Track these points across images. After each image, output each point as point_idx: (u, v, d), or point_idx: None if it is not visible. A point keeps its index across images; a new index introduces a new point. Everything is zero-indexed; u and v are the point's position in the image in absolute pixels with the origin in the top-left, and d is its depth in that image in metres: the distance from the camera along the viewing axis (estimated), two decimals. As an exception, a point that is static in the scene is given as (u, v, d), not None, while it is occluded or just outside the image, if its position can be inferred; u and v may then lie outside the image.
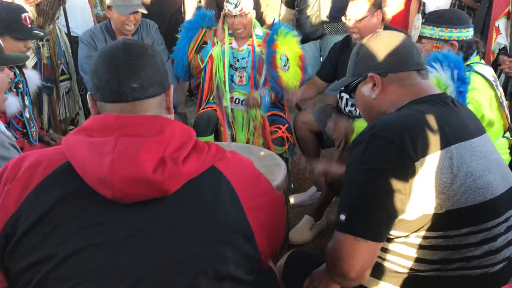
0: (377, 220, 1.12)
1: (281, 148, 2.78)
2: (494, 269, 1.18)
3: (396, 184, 1.09)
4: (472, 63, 1.96)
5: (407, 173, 1.10)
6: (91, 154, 0.89)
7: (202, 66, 2.95)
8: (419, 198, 1.12)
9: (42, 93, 2.95)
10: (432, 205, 1.12)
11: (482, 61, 2.04)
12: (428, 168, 1.11)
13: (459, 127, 1.20)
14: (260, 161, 2.15)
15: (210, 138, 2.88)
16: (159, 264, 0.89)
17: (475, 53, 2.00)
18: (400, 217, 1.13)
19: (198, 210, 0.93)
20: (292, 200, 2.82)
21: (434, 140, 1.13)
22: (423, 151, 1.12)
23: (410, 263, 1.18)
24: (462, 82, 1.70)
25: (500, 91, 1.95)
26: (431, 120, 1.16)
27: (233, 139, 2.91)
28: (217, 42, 2.93)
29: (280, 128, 2.82)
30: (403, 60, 1.27)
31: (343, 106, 2.78)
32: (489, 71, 1.96)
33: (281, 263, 1.51)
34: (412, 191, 1.11)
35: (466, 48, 1.98)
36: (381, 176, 1.11)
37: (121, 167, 0.87)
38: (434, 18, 2.04)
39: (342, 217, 1.14)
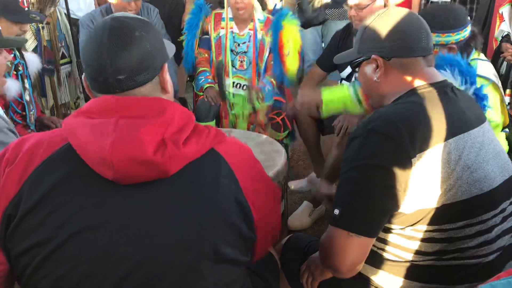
0: (370, 216, 1.12)
1: (279, 134, 2.80)
2: (489, 259, 1.19)
3: (392, 181, 1.09)
4: (472, 59, 1.91)
5: (404, 170, 1.09)
6: (92, 135, 0.89)
7: (206, 56, 2.97)
8: (415, 193, 1.11)
9: (44, 76, 2.94)
10: (429, 200, 1.11)
11: (482, 55, 1.99)
12: (425, 163, 1.10)
13: (458, 118, 1.18)
14: (259, 147, 2.15)
15: (211, 124, 2.88)
16: (160, 246, 0.89)
17: (473, 51, 1.92)
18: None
19: (198, 192, 0.93)
20: (291, 186, 2.83)
21: (431, 135, 1.12)
22: (421, 147, 1.10)
23: (406, 254, 1.19)
24: (481, 99, 1.55)
25: (501, 89, 1.91)
26: (429, 114, 1.14)
27: (234, 125, 2.91)
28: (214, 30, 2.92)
29: (279, 115, 2.83)
30: (409, 46, 1.22)
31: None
32: (489, 70, 1.91)
33: (279, 248, 1.53)
34: (408, 187, 1.10)
35: (465, 47, 1.88)
36: (376, 172, 1.10)
37: (122, 148, 0.87)
38: (429, 22, 1.95)
39: (336, 211, 1.14)
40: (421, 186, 1.11)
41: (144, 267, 0.89)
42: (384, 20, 1.24)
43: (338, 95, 1.99)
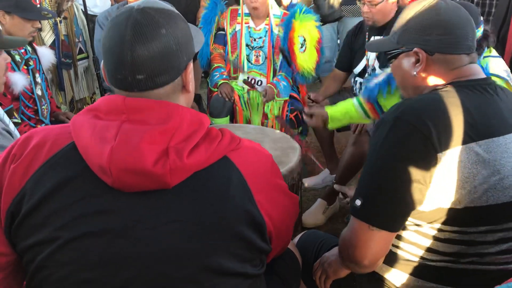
0: (393, 210, 1.08)
1: (294, 131, 2.80)
2: (509, 267, 1.13)
3: (417, 173, 1.04)
4: (484, 56, 1.87)
5: (429, 163, 1.04)
6: (93, 140, 0.86)
7: (222, 52, 2.98)
8: (437, 190, 1.06)
9: (61, 70, 2.98)
10: (451, 199, 1.07)
11: (493, 51, 1.94)
12: (451, 161, 1.05)
13: (495, 120, 1.10)
14: (274, 143, 2.15)
15: (226, 120, 2.89)
16: (159, 257, 0.87)
17: (486, 49, 1.88)
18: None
19: (202, 203, 0.88)
20: (305, 183, 2.83)
21: (461, 132, 1.06)
22: (447, 143, 1.05)
23: (421, 252, 1.16)
24: None
25: None
26: (463, 110, 1.08)
27: (248, 121, 2.91)
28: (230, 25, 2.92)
29: (292, 112, 2.82)
30: (457, 42, 1.14)
31: (357, 91, 2.76)
32: (501, 66, 1.86)
33: (293, 244, 1.52)
34: (431, 183, 1.06)
35: (477, 47, 1.78)
36: (402, 164, 1.05)
37: (120, 157, 0.84)
38: None
39: (358, 202, 1.10)
40: (445, 184, 1.06)
41: (141, 277, 0.87)
42: (432, 10, 1.15)
43: (341, 110, 2.02)
